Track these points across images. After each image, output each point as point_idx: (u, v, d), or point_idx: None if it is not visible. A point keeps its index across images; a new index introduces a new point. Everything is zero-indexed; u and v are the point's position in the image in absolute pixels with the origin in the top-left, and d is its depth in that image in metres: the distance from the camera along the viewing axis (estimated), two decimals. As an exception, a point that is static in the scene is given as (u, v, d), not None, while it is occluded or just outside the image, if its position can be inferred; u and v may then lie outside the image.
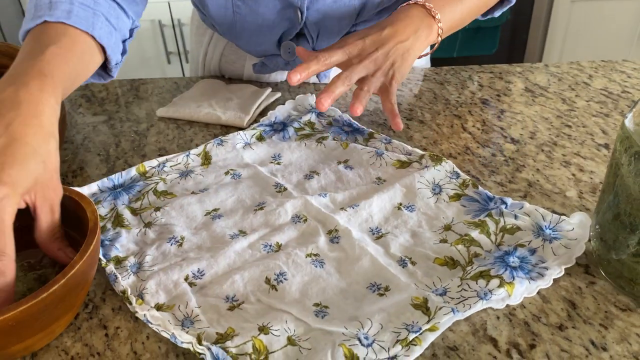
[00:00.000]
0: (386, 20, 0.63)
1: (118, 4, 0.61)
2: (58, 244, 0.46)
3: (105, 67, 0.62)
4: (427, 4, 0.63)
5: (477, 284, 0.47)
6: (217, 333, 0.44)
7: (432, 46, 0.67)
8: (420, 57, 0.65)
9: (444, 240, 0.53)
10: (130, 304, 0.46)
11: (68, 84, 0.52)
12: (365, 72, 0.60)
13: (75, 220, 0.47)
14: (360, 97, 0.59)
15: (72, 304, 0.43)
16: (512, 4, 0.75)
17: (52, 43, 0.51)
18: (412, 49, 0.62)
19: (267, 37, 0.76)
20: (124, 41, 0.63)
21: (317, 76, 0.79)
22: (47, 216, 0.45)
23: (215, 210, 0.58)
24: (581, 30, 2.05)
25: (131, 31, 0.64)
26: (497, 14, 0.76)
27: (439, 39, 0.64)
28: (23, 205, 0.43)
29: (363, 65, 0.60)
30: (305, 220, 0.56)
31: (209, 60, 0.88)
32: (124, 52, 0.63)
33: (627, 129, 0.43)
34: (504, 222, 0.54)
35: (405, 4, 0.64)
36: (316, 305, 0.47)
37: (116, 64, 0.62)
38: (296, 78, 0.60)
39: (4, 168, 0.41)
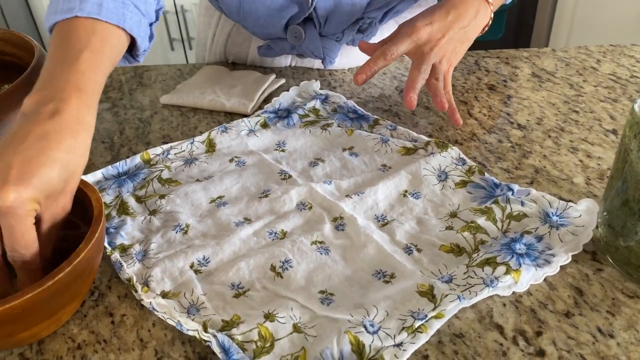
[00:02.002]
0: (448, 3, 0.63)
1: None
2: (34, 262, 0.43)
3: (130, 52, 0.62)
4: None
5: (483, 271, 0.47)
6: (222, 320, 0.44)
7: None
8: None
9: (449, 227, 0.52)
10: (136, 291, 0.46)
11: (100, 89, 0.51)
12: (435, 60, 0.61)
13: (80, 208, 0.47)
14: (438, 89, 0.61)
15: (78, 291, 0.43)
16: None
17: (84, 47, 0.50)
18: (470, 32, 0.63)
19: (274, 21, 0.75)
20: (150, 24, 0.62)
21: (322, 61, 0.78)
22: (48, 231, 0.44)
23: (220, 197, 0.57)
24: (589, 14, 2.02)
25: (157, 13, 0.63)
26: (508, 0, 0.75)
27: (490, 21, 0.64)
28: (35, 214, 0.42)
29: (434, 53, 0.61)
30: (311, 207, 0.55)
31: (216, 41, 0.87)
32: (151, 37, 0.63)
33: (637, 114, 0.43)
34: (511, 209, 0.53)
35: None
36: (322, 292, 0.46)
37: (144, 51, 0.62)
38: (362, 79, 0.61)
39: (26, 173, 0.40)
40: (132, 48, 0.61)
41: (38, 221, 0.43)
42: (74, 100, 0.46)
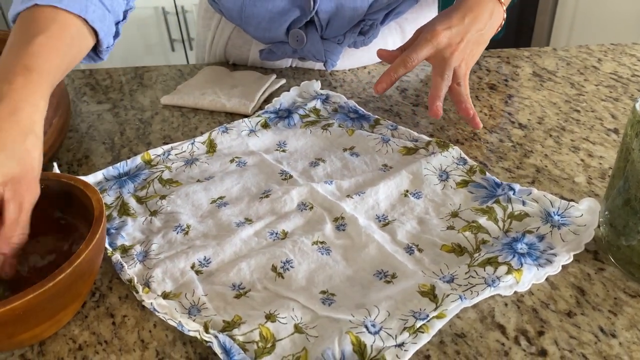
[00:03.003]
0: (464, 6, 0.63)
1: None
2: (9, 248, 0.43)
3: (95, 49, 0.60)
4: None
5: (484, 270, 0.47)
6: (223, 321, 0.44)
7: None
8: None
9: (451, 227, 0.52)
10: (137, 292, 0.46)
11: (57, 75, 0.50)
12: (456, 64, 0.61)
13: (81, 209, 0.47)
14: (461, 95, 0.62)
15: (79, 292, 0.43)
16: None
17: (40, 32, 0.49)
18: (486, 34, 0.63)
19: (276, 25, 0.75)
20: (117, 23, 0.61)
21: (324, 64, 0.78)
22: (13, 213, 0.43)
23: (220, 198, 0.57)
24: (590, 13, 2.02)
25: (125, 13, 0.62)
26: None
27: (503, 21, 0.65)
28: None
29: (455, 58, 0.61)
30: (311, 207, 0.55)
31: (216, 44, 0.87)
32: (116, 35, 0.61)
33: (638, 113, 0.42)
34: (512, 209, 0.53)
35: None
36: (323, 292, 0.46)
37: (107, 48, 0.60)
38: (382, 88, 0.62)
39: None
40: (95, 45, 0.59)
41: (0, 206, 0.43)
42: (19, 79, 0.45)
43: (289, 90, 0.75)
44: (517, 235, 0.50)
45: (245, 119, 0.69)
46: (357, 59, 0.84)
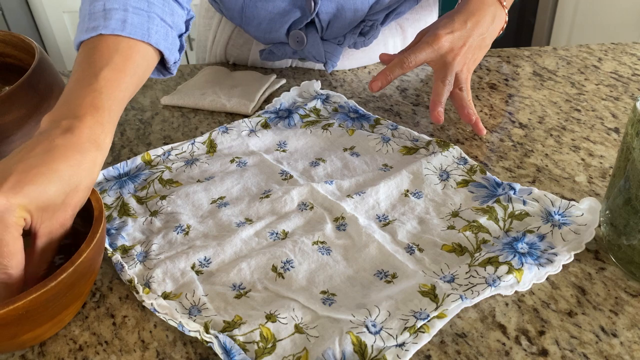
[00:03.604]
0: (466, 10, 0.63)
1: None
2: (16, 276, 0.41)
3: (163, 64, 0.60)
4: None
5: (485, 270, 0.46)
6: (224, 321, 0.44)
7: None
8: None
9: (451, 227, 0.52)
10: (137, 292, 0.46)
11: (121, 109, 0.50)
12: (458, 69, 0.61)
13: (80, 210, 0.47)
14: (463, 100, 0.62)
15: (80, 292, 0.43)
16: None
17: (104, 65, 0.49)
18: (488, 38, 0.63)
19: (276, 25, 0.75)
20: (180, 36, 0.60)
21: (324, 65, 0.78)
22: (44, 247, 0.42)
23: (221, 198, 0.57)
24: (590, 12, 2.02)
25: (187, 23, 0.61)
26: None
27: (505, 24, 0.65)
28: (23, 224, 0.40)
29: (457, 62, 0.61)
30: (312, 207, 0.55)
31: (217, 43, 0.87)
32: (181, 49, 0.61)
33: (639, 112, 0.42)
34: (513, 208, 0.53)
35: None
36: (323, 292, 0.46)
37: (175, 63, 0.60)
38: (377, 86, 0.61)
39: (21, 181, 0.40)
40: (162, 60, 0.59)
41: (33, 236, 0.42)
42: (88, 118, 0.45)
43: (289, 90, 0.75)
44: (517, 234, 0.50)
45: (246, 119, 0.69)
46: (357, 59, 0.84)
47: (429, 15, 0.86)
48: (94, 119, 0.45)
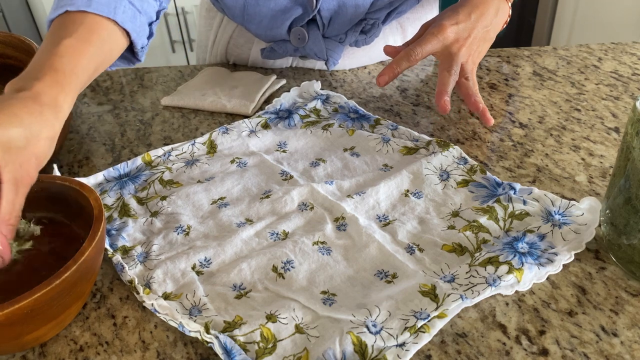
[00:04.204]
0: (470, 3, 0.64)
1: None
2: (7, 230, 0.42)
3: (132, 51, 0.62)
4: None
5: (485, 270, 0.46)
6: (224, 321, 0.44)
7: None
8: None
9: (451, 227, 0.52)
10: (138, 293, 0.46)
11: (85, 76, 0.52)
12: (463, 60, 0.62)
13: (78, 210, 0.47)
14: (470, 88, 0.61)
15: (82, 291, 0.43)
16: None
17: (68, 35, 0.51)
18: (492, 31, 0.64)
19: (278, 23, 0.75)
20: (150, 24, 0.62)
21: (325, 63, 0.78)
22: (9, 194, 0.42)
23: (221, 198, 0.57)
24: (590, 12, 2.02)
25: (157, 13, 0.63)
26: None
27: (509, 18, 0.65)
28: None
29: (462, 53, 0.61)
30: (312, 208, 0.55)
31: (218, 43, 0.87)
32: (150, 35, 0.63)
33: (639, 112, 0.42)
34: (513, 208, 0.53)
35: None
36: (324, 293, 0.46)
37: (142, 48, 0.62)
38: (384, 80, 0.62)
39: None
40: (130, 46, 0.61)
41: None
42: (47, 78, 0.47)
43: (289, 91, 0.75)
44: (518, 234, 0.50)
45: (246, 120, 0.69)
46: (358, 58, 0.84)
47: (430, 14, 0.86)
48: (52, 79, 0.47)
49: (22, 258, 0.46)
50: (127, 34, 0.58)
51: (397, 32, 0.84)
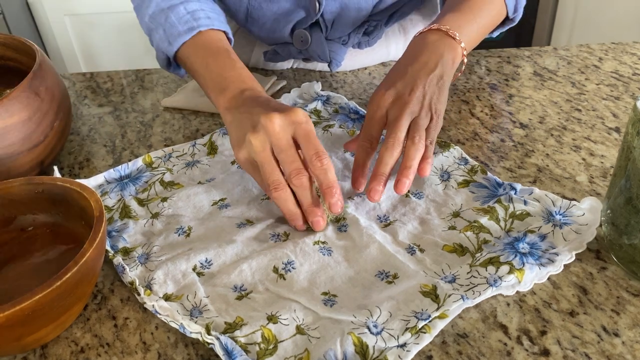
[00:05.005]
0: (406, 57, 0.60)
1: None
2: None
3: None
4: (441, 27, 0.60)
5: (486, 270, 0.46)
6: (225, 323, 0.44)
7: (460, 67, 0.63)
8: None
9: (452, 227, 0.52)
10: (139, 294, 0.46)
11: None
12: (411, 117, 0.55)
13: (79, 212, 0.47)
14: (412, 152, 0.53)
15: (83, 293, 0.43)
16: (513, 24, 0.73)
17: (224, 50, 0.63)
18: (443, 75, 0.58)
19: (281, 26, 0.75)
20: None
21: (329, 65, 0.78)
22: (318, 144, 0.50)
23: (222, 200, 0.57)
24: (590, 12, 2.02)
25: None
26: (495, 34, 0.73)
27: (465, 59, 0.62)
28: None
29: (406, 113, 0.54)
30: (313, 208, 0.55)
31: None
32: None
33: (639, 112, 0.42)
34: (514, 208, 0.53)
35: (418, 33, 0.62)
36: (325, 294, 0.46)
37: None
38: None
39: (282, 107, 0.52)
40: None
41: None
42: (254, 85, 0.58)
43: (289, 92, 0.75)
44: (518, 234, 0.50)
45: (246, 121, 0.69)
46: (359, 60, 0.84)
47: (432, 16, 0.86)
48: (254, 83, 0.59)
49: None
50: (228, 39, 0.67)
51: (399, 34, 0.84)
